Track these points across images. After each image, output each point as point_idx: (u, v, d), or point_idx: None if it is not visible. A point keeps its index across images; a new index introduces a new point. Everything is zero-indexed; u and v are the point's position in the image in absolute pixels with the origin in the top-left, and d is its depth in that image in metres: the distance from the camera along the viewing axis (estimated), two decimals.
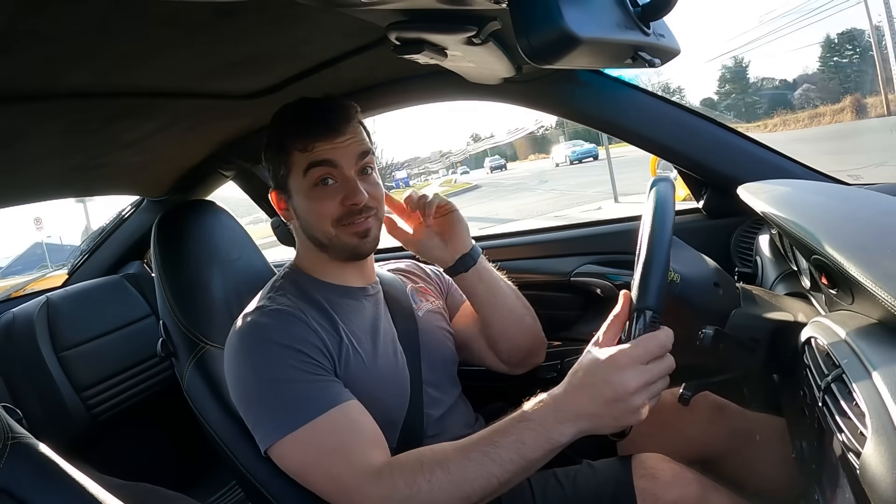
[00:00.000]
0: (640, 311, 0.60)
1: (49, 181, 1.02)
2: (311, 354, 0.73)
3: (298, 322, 0.75)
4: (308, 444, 0.68)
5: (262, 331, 0.74)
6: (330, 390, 0.71)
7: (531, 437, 0.61)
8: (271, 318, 0.75)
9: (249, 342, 0.74)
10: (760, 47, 10.84)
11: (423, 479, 0.62)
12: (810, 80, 30.32)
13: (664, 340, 0.58)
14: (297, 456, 0.69)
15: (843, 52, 30.24)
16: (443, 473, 0.62)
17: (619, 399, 0.57)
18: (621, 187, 9.12)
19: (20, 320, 1.37)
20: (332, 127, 0.77)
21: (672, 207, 0.65)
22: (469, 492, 0.62)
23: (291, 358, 0.71)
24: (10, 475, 0.45)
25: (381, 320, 0.86)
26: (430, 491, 0.62)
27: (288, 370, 0.71)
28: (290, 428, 0.68)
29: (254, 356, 0.73)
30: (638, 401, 0.57)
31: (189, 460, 1.54)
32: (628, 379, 0.57)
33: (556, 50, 0.45)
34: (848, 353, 0.47)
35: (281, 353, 0.71)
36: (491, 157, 36.49)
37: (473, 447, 0.63)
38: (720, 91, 35.79)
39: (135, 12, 0.50)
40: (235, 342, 0.75)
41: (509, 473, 0.61)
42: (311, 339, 0.74)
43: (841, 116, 17.63)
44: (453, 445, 0.65)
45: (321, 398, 0.70)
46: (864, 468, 0.39)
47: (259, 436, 0.72)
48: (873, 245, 0.53)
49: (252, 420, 0.73)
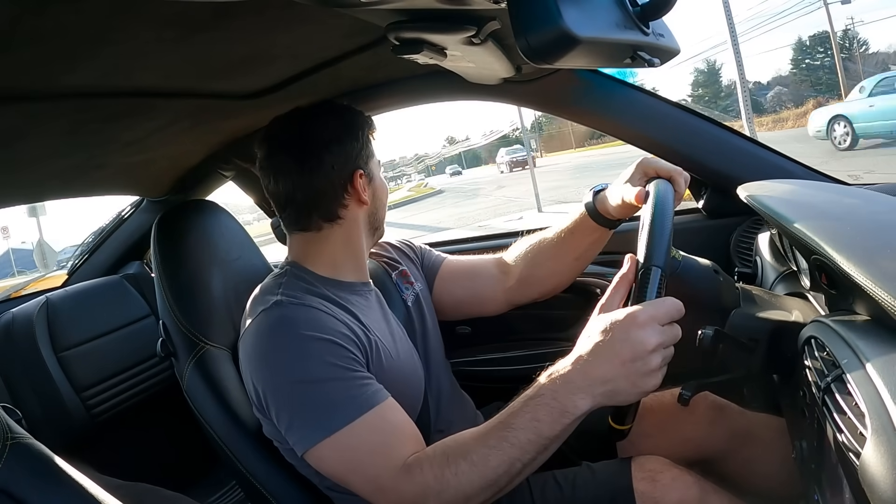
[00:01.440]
0: (649, 269, 0.60)
1: (49, 181, 1.02)
2: (348, 347, 0.70)
3: (325, 315, 0.72)
4: (347, 447, 0.66)
5: (291, 325, 0.70)
6: (367, 389, 0.69)
7: (545, 412, 0.59)
8: (297, 312, 0.71)
9: (280, 338, 0.70)
10: (729, 49, 10.87)
11: (451, 473, 0.62)
12: (783, 83, 30.41)
13: (678, 305, 0.57)
14: (336, 458, 0.67)
15: (814, 54, 30.31)
16: (467, 465, 0.62)
17: (637, 358, 0.56)
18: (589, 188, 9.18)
19: (20, 320, 1.37)
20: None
21: (672, 199, 0.67)
22: (494, 479, 0.61)
23: (328, 353, 0.68)
24: (9, 475, 0.45)
25: (389, 314, 0.86)
26: (459, 484, 0.62)
27: (326, 368, 0.68)
28: (329, 431, 0.66)
29: (288, 353, 0.69)
30: (655, 361, 0.56)
31: (189, 460, 1.54)
32: (647, 336, 0.55)
33: (555, 50, 0.45)
34: (848, 354, 0.47)
35: (317, 348, 0.68)
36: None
37: (491, 434, 0.63)
38: (693, 94, 35.81)
39: (135, 12, 0.50)
40: (262, 339, 0.71)
41: (530, 454, 0.60)
42: (344, 330, 0.72)
43: (803, 121, 17.81)
44: (473, 434, 0.65)
45: (359, 398, 0.67)
46: (864, 468, 0.39)
47: (295, 439, 0.69)
48: (873, 245, 0.53)
49: (287, 423, 0.69)
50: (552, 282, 0.95)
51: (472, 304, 0.99)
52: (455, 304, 0.99)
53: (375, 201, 0.86)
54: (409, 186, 30.83)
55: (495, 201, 12.86)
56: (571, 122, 1.16)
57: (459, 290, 0.99)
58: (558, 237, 0.91)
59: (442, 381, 0.92)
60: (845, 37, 26.39)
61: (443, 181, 33.42)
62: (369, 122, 0.86)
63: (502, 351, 1.25)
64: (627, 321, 0.57)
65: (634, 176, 0.78)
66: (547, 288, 0.96)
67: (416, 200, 19.34)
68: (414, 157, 48.77)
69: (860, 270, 0.46)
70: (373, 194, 0.85)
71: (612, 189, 0.81)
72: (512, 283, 0.96)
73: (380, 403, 0.68)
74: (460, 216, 10.80)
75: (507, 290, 0.97)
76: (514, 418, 0.62)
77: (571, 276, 0.94)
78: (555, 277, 0.94)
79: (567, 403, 0.58)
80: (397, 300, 0.91)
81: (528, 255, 0.95)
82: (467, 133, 78.04)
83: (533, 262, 0.95)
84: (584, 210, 0.86)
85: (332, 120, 0.82)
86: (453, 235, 3.96)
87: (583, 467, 0.81)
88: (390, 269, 0.96)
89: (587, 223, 0.86)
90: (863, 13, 39.91)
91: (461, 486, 0.62)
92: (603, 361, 0.57)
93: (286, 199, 0.81)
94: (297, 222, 0.82)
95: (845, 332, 0.50)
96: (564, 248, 0.91)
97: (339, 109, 0.85)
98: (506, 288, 0.97)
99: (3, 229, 11.13)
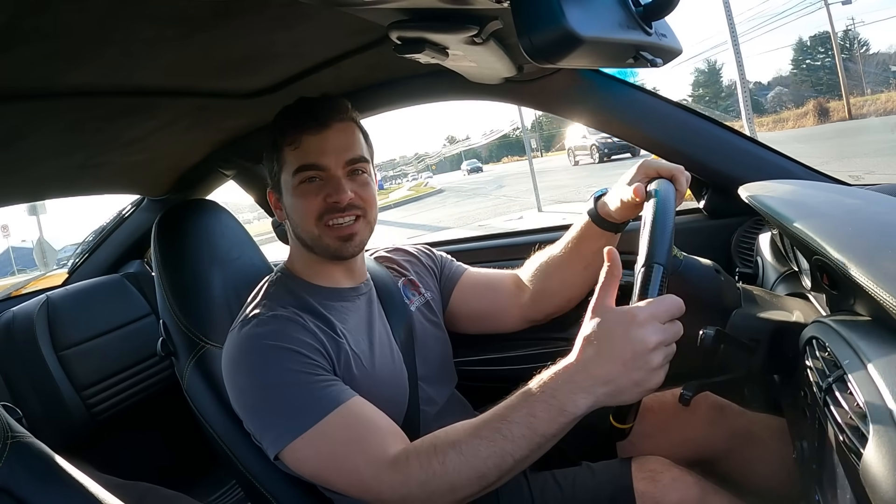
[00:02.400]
0: (651, 266, 0.59)
1: (50, 180, 1.02)
2: (311, 355, 0.72)
3: (295, 325, 0.74)
4: (319, 445, 0.67)
5: (258, 338, 0.73)
6: (332, 389, 0.70)
7: (543, 409, 0.59)
8: (267, 325, 0.74)
9: (247, 350, 0.73)
10: (729, 50, 10.89)
11: (437, 462, 0.62)
12: (783, 83, 30.42)
13: (679, 302, 0.57)
14: (310, 457, 0.68)
15: (815, 54, 30.32)
16: (455, 454, 0.62)
17: (638, 356, 0.55)
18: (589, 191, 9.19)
19: (20, 319, 1.37)
20: (319, 120, 0.78)
21: (673, 198, 0.67)
22: (483, 471, 0.61)
23: (290, 361, 0.70)
24: (9, 474, 0.45)
25: (375, 319, 0.85)
26: (445, 473, 0.61)
27: (288, 373, 0.70)
28: (299, 431, 0.67)
29: (252, 363, 0.72)
30: (657, 359, 0.56)
31: (189, 460, 1.54)
32: (648, 334, 0.55)
33: (557, 49, 0.45)
34: (849, 354, 0.47)
35: (279, 357, 0.71)
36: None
37: (485, 425, 0.62)
38: (694, 94, 35.79)
39: (135, 11, 0.50)
40: (233, 352, 0.74)
41: (523, 450, 0.60)
42: (309, 340, 0.73)
43: (804, 121, 17.84)
44: (465, 425, 0.64)
45: (325, 398, 0.69)
46: (865, 469, 0.39)
47: (267, 443, 0.70)
48: (874, 246, 0.52)
49: (258, 428, 0.72)
50: (565, 294, 0.94)
51: (489, 318, 0.99)
52: (472, 315, 0.99)
53: (294, 218, 0.82)
54: (408, 185, 30.55)
55: (495, 201, 12.87)
56: (572, 121, 1.16)
57: (477, 303, 0.98)
58: (566, 248, 0.91)
59: (440, 390, 0.90)
60: (846, 37, 26.44)
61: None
62: (285, 132, 0.79)
63: (502, 351, 1.25)
64: (628, 320, 0.57)
65: (635, 178, 0.77)
66: (561, 301, 0.95)
67: (416, 200, 19.35)
68: (414, 156, 48.27)
69: (861, 271, 0.46)
70: (286, 212, 0.83)
71: (613, 192, 0.81)
72: (526, 298, 0.96)
73: (346, 401, 0.69)
74: (460, 215, 10.81)
75: (521, 307, 0.96)
76: (510, 412, 0.61)
77: (584, 287, 0.92)
78: (567, 290, 0.93)
79: (566, 402, 0.58)
80: (400, 306, 0.90)
81: (539, 270, 0.95)
82: (468, 132, 78.14)
83: (544, 276, 0.94)
84: (588, 217, 0.86)
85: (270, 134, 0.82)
86: (453, 235, 3.97)
87: (582, 467, 0.81)
88: (397, 276, 0.95)
89: (592, 230, 0.86)
90: (863, 14, 40.03)
91: (447, 476, 0.61)
92: (605, 361, 0.57)
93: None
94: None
95: (846, 333, 0.50)
96: (573, 257, 0.90)
97: (278, 117, 0.82)
98: (521, 304, 0.96)
99: (3, 227, 11.19)
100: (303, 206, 0.79)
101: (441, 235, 7.27)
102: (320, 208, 0.78)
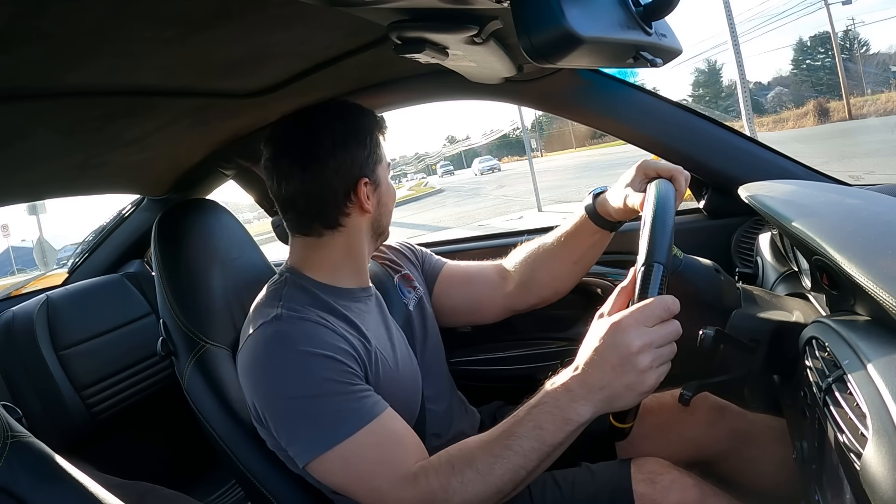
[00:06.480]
0: (651, 265, 0.60)
1: (50, 180, 1.02)
2: (346, 361, 0.70)
3: (325, 329, 0.71)
4: (350, 459, 0.66)
5: (291, 342, 0.69)
6: (367, 401, 0.69)
7: (548, 420, 0.60)
8: (296, 327, 0.71)
9: (278, 354, 0.69)
10: (730, 50, 10.85)
11: (457, 482, 0.63)
12: (783, 83, 30.42)
13: (669, 304, 0.57)
14: (339, 470, 0.67)
15: (815, 55, 30.32)
16: (472, 473, 0.63)
17: (624, 361, 0.56)
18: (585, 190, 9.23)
19: (20, 319, 1.37)
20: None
21: (673, 198, 0.67)
22: (500, 486, 0.62)
23: (326, 369, 0.68)
24: (9, 474, 0.45)
25: (388, 318, 0.85)
26: (464, 492, 0.62)
27: (324, 383, 0.67)
28: (331, 444, 0.66)
29: (285, 369, 0.68)
30: (644, 361, 0.56)
31: (189, 459, 1.54)
32: (631, 339, 0.56)
33: (557, 49, 0.45)
34: (849, 354, 0.47)
35: (315, 364, 0.68)
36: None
37: (496, 442, 0.63)
38: (694, 94, 35.78)
39: (135, 11, 0.50)
40: (260, 354, 0.71)
41: (534, 462, 0.61)
42: (342, 345, 0.71)
43: (804, 121, 17.86)
44: (478, 442, 0.65)
45: (360, 410, 0.67)
46: (865, 469, 0.39)
47: (296, 451, 0.69)
48: (874, 246, 0.52)
49: (287, 435, 0.69)
50: (552, 286, 0.94)
51: (470, 310, 0.99)
52: (453, 309, 0.99)
53: (381, 208, 0.84)
54: (408, 185, 30.39)
55: (495, 201, 12.88)
56: (572, 121, 1.16)
57: (458, 295, 0.98)
58: (558, 241, 0.91)
59: (440, 387, 0.91)
60: (846, 37, 26.43)
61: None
62: (379, 123, 0.83)
63: (502, 351, 1.25)
64: (612, 327, 0.58)
65: (635, 178, 0.77)
66: (547, 293, 0.95)
67: (417, 199, 19.34)
68: (414, 156, 48.13)
69: (861, 271, 0.46)
70: (378, 201, 0.82)
71: (613, 191, 0.81)
72: (511, 287, 0.96)
73: (380, 414, 0.68)
74: (460, 215, 10.81)
75: (506, 296, 0.96)
76: (517, 427, 0.62)
77: (572, 281, 0.94)
78: (555, 282, 0.94)
79: (569, 411, 0.59)
80: (398, 304, 0.90)
81: (527, 260, 0.95)
82: (468, 132, 78.14)
83: (533, 266, 0.94)
84: (584, 213, 0.86)
85: (339, 123, 0.80)
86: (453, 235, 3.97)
87: (582, 468, 0.81)
88: (392, 272, 0.95)
89: (587, 226, 0.86)
90: (863, 14, 39.97)
91: (466, 495, 0.62)
92: (596, 369, 0.59)
93: (288, 204, 0.80)
94: (298, 227, 0.82)
95: (846, 333, 0.50)
96: (564, 251, 0.90)
97: (347, 111, 0.82)
98: (505, 293, 0.96)
99: (3, 227, 11.20)
100: (393, 198, 0.87)
101: (441, 235, 7.28)
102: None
